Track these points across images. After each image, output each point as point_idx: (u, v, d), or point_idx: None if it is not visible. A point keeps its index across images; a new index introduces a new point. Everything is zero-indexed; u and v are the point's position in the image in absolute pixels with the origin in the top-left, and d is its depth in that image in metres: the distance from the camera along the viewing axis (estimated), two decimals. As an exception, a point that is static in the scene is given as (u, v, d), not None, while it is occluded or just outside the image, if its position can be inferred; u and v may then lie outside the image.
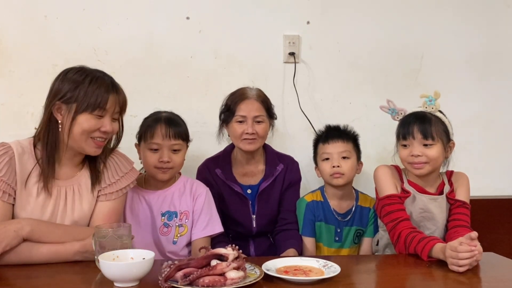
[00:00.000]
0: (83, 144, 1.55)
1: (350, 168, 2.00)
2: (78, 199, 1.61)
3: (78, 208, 1.60)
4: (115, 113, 1.58)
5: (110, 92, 1.54)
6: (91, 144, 1.55)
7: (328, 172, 2.01)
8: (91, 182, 1.63)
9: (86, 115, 1.52)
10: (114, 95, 1.56)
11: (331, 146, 2.02)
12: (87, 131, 1.53)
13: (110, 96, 1.54)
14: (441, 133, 1.80)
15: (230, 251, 1.35)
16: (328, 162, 2.01)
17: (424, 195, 1.85)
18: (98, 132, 1.55)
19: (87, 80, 1.53)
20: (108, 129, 1.55)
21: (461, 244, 1.46)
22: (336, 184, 2.01)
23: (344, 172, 1.99)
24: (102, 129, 1.55)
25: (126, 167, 1.69)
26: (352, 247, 2.08)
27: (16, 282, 1.34)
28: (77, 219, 1.59)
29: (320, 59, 2.39)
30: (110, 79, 1.59)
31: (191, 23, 2.29)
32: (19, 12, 2.18)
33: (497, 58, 2.49)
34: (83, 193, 1.62)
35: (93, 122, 1.53)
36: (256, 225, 2.05)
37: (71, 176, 1.62)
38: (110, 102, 1.54)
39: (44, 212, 1.55)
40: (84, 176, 1.64)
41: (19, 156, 1.54)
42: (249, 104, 1.98)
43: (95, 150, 1.58)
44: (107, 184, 1.65)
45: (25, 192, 1.55)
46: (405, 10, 2.42)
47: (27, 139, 1.61)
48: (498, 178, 2.51)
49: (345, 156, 2.01)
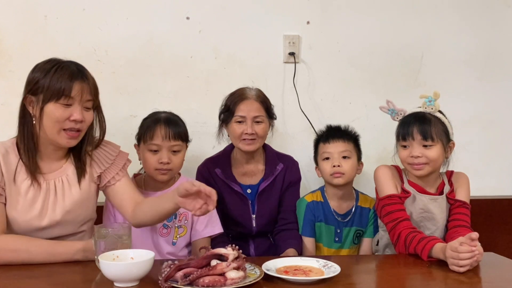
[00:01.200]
0: (56, 137, 1.53)
1: (350, 168, 2.00)
2: (67, 187, 1.61)
3: (68, 195, 1.60)
4: (85, 101, 1.54)
5: (74, 79, 1.51)
6: (63, 136, 1.53)
7: (328, 172, 2.01)
8: (77, 175, 1.62)
9: (52, 105, 1.50)
10: (80, 82, 1.52)
11: (331, 146, 2.02)
12: (56, 121, 1.50)
13: (75, 83, 1.50)
14: (441, 134, 1.79)
15: (230, 251, 1.35)
16: (328, 162, 2.01)
17: (424, 195, 1.85)
18: (68, 122, 1.51)
19: (53, 69, 1.51)
20: (77, 117, 1.51)
21: (462, 244, 1.46)
22: (337, 184, 2.01)
23: (345, 172, 1.99)
24: (71, 118, 1.51)
25: (114, 151, 1.70)
26: (352, 248, 2.08)
27: (16, 282, 1.34)
28: (69, 207, 1.59)
29: (320, 59, 2.39)
30: (77, 66, 1.56)
31: (191, 23, 2.29)
32: (19, 12, 2.18)
33: (497, 58, 2.49)
34: (71, 182, 1.62)
35: (61, 111, 1.50)
36: (256, 225, 2.05)
37: (56, 168, 1.62)
38: (76, 89, 1.50)
39: (33, 208, 1.55)
40: (70, 167, 1.63)
41: (3, 156, 1.54)
42: (248, 104, 1.98)
43: (68, 141, 1.54)
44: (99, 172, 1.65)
45: (14, 191, 1.55)
46: (405, 10, 2.42)
47: (10, 139, 1.61)
48: (498, 178, 2.51)
49: (346, 156, 2.01)
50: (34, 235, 1.55)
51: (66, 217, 1.60)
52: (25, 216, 1.55)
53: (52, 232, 1.58)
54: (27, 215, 1.55)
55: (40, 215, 1.56)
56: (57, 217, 1.58)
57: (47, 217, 1.57)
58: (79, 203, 1.62)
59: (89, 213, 1.68)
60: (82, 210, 1.64)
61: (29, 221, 1.55)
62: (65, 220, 1.60)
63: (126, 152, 1.75)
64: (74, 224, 1.63)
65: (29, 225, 1.55)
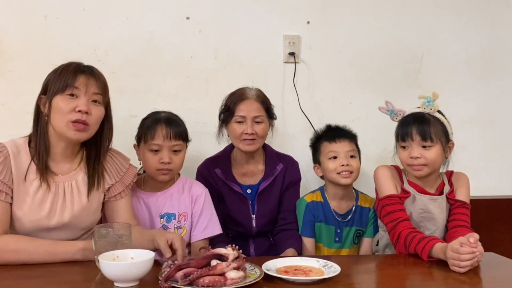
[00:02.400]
0: (65, 129, 1.54)
1: (357, 167, 2.01)
2: (76, 193, 1.61)
3: (77, 201, 1.61)
4: (92, 94, 1.56)
5: (79, 71, 1.55)
6: (71, 128, 1.54)
7: (336, 170, 1.99)
8: (88, 183, 1.63)
9: (59, 97, 1.53)
10: (86, 75, 1.56)
11: (338, 145, 2.01)
12: (63, 113, 1.52)
13: (79, 74, 1.54)
14: (440, 134, 1.79)
15: (230, 251, 1.35)
16: (335, 161, 2.00)
17: (424, 195, 1.85)
18: (75, 113, 1.53)
19: (62, 67, 1.57)
20: (82, 108, 1.52)
21: (462, 245, 1.46)
22: (344, 183, 1.99)
23: (353, 170, 1.99)
24: (77, 108, 1.53)
25: (124, 165, 1.73)
26: (352, 248, 2.07)
27: (16, 282, 1.34)
28: (77, 213, 1.60)
29: (320, 59, 2.39)
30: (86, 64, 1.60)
31: (191, 23, 2.29)
32: (19, 12, 2.18)
33: (497, 58, 2.50)
34: (80, 188, 1.62)
35: (66, 102, 1.53)
36: (256, 225, 2.05)
37: (68, 172, 1.63)
38: (80, 80, 1.54)
39: (42, 209, 1.55)
40: (81, 173, 1.64)
41: (14, 155, 1.55)
42: (248, 104, 1.97)
43: (75, 133, 1.55)
44: (110, 184, 1.67)
45: (22, 191, 1.55)
46: (405, 10, 2.42)
47: (21, 138, 1.62)
48: (498, 178, 2.51)
49: (353, 155, 2.01)
50: (40, 235, 1.55)
51: (73, 221, 1.60)
52: (32, 216, 1.55)
53: (58, 235, 1.58)
54: (35, 216, 1.55)
55: (48, 216, 1.56)
56: (65, 220, 1.58)
57: (55, 219, 1.57)
58: (87, 208, 1.63)
59: (96, 219, 1.68)
60: (89, 215, 1.65)
61: (37, 221, 1.55)
62: (72, 224, 1.60)
63: (134, 166, 1.77)
64: (81, 229, 1.64)
65: (36, 225, 1.55)
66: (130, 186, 1.74)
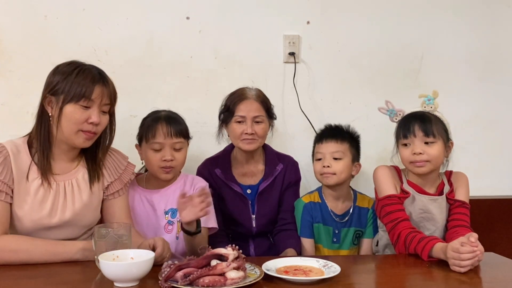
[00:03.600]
0: (73, 137, 1.55)
1: (341, 168, 1.98)
2: (77, 191, 1.62)
3: (78, 199, 1.61)
4: (103, 105, 1.58)
5: (96, 82, 1.55)
6: (81, 136, 1.55)
7: (318, 171, 2.01)
8: (89, 179, 1.64)
9: (72, 106, 1.52)
10: (101, 86, 1.56)
11: (323, 146, 2.02)
12: (75, 122, 1.53)
13: (96, 86, 1.54)
14: (442, 132, 1.79)
15: (230, 251, 1.35)
16: (320, 162, 2.01)
17: (424, 195, 1.85)
18: (86, 124, 1.54)
19: (75, 71, 1.54)
20: (95, 120, 1.54)
21: (463, 244, 1.46)
22: (326, 184, 2.00)
23: (335, 172, 1.98)
24: (90, 120, 1.54)
25: (123, 163, 1.74)
26: (352, 248, 2.07)
27: (16, 282, 1.34)
28: (78, 210, 1.60)
29: (320, 59, 2.39)
30: (99, 70, 1.60)
31: (191, 23, 2.29)
32: (19, 12, 2.18)
33: (497, 58, 2.49)
34: (81, 186, 1.63)
35: (80, 113, 1.53)
36: (256, 225, 2.05)
37: (68, 171, 1.63)
38: (96, 92, 1.54)
39: (43, 208, 1.56)
40: (81, 171, 1.65)
41: (14, 155, 1.55)
42: (248, 104, 1.97)
43: (84, 141, 1.57)
44: (109, 181, 1.68)
45: (23, 190, 1.55)
46: (405, 10, 2.42)
47: (20, 138, 1.62)
48: (498, 178, 2.51)
49: (337, 157, 2.00)
50: (41, 234, 1.55)
51: (75, 218, 1.60)
52: (33, 215, 1.55)
53: (59, 234, 1.58)
54: (36, 215, 1.55)
55: (50, 215, 1.57)
56: (66, 218, 1.59)
57: (57, 217, 1.58)
58: (88, 206, 1.63)
59: (96, 217, 1.69)
60: (90, 213, 1.65)
61: (38, 220, 1.55)
62: (73, 222, 1.60)
63: (133, 165, 1.79)
64: (82, 227, 1.64)
65: (37, 224, 1.55)
66: (128, 184, 1.75)
